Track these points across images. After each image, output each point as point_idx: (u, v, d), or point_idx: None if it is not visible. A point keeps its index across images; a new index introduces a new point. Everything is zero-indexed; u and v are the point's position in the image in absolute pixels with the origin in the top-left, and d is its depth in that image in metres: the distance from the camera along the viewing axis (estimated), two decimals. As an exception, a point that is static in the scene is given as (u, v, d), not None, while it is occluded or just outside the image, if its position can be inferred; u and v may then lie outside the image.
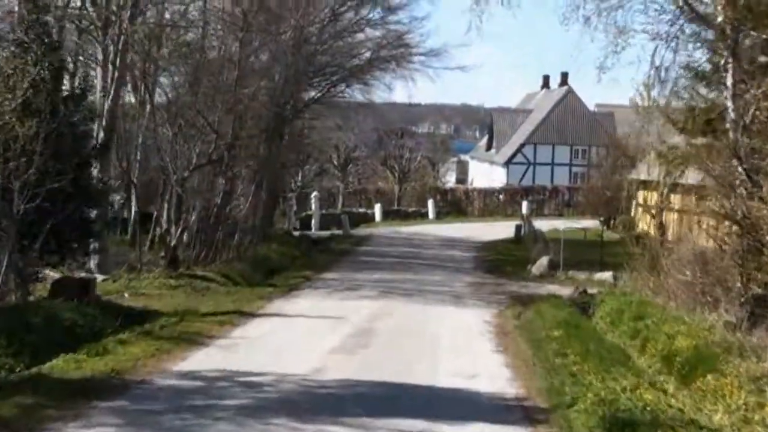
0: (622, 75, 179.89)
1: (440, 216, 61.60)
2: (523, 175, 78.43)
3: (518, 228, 47.88)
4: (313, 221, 54.43)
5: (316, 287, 28.85)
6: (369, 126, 75.14)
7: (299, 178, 58.55)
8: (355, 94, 46.58)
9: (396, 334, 20.30)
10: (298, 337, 19.29)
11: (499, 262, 38.44)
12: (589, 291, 27.28)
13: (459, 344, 19.24)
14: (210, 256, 31.78)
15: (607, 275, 32.75)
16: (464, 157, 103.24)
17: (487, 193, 67.13)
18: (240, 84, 31.14)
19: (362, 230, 53.65)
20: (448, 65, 47.18)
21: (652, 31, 21.42)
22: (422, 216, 60.83)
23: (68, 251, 22.12)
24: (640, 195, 49.70)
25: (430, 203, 60.72)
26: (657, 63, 21.90)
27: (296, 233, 49.46)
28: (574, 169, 79.67)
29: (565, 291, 29.60)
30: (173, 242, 28.96)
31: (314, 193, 54.78)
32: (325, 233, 50.79)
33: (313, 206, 54.70)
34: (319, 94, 46.91)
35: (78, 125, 21.63)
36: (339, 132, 69.38)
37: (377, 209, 58.41)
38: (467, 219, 62.62)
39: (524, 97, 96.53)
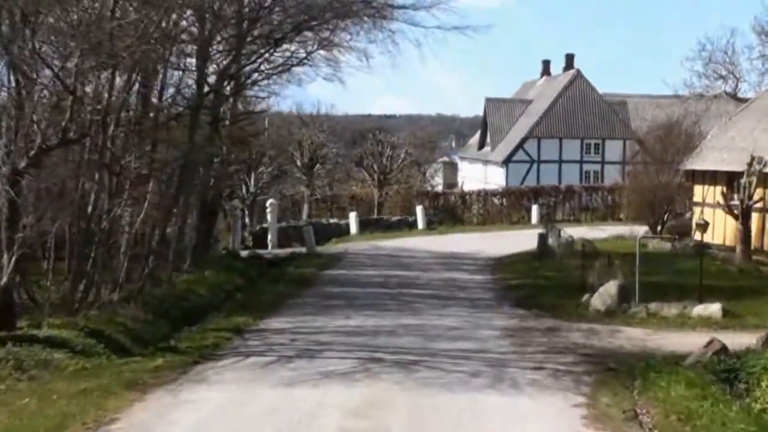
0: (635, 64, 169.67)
1: (431, 226, 49.99)
2: (526, 175, 67.00)
3: (542, 239, 36.24)
4: (269, 237, 42.69)
5: (247, 352, 17.07)
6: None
7: (251, 182, 46.72)
8: (318, 63, 34.70)
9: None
10: None
11: (531, 290, 26.88)
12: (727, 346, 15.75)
13: None
14: (82, 298, 19.99)
15: (713, 309, 21.27)
16: (452, 158, 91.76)
17: (487, 197, 55.48)
18: (122, 17, 19.32)
19: (333, 246, 41.94)
20: (443, 24, 35.28)
21: None
22: (409, 226, 49.19)
23: None
24: (698, 191, 38.28)
25: (419, 210, 49.13)
26: None
27: (245, 253, 37.71)
28: (586, 166, 68.33)
29: (666, 341, 18.25)
30: (2, 280, 17.06)
31: (270, 201, 42.97)
32: (285, 252, 39.07)
33: (269, 217, 42.96)
34: (269, 67, 35.11)
35: None
36: (304, 129, 57.89)
37: (352, 219, 46.65)
38: (465, 228, 50.95)
39: (521, 87, 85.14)
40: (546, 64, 79.76)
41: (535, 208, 53.69)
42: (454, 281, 29.73)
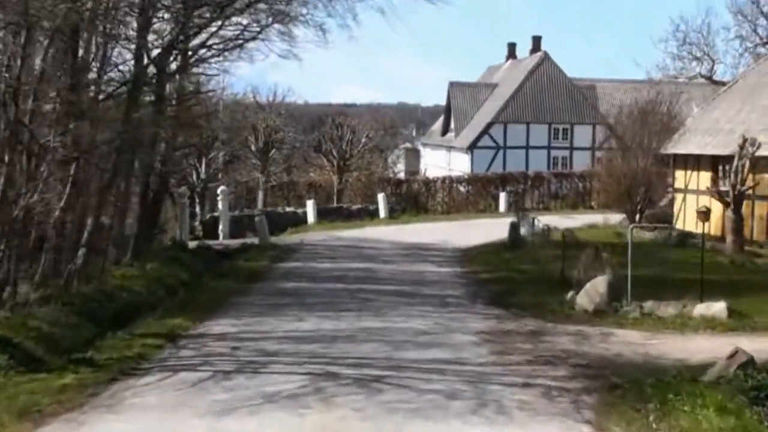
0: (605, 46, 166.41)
1: (394, 214, 47.33)
2: (492, 162, 64.60)
3: (514, 228, 33.70)
4: (220, 226, 39.83)
5: (178, 366, 14.27)
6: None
7: (202, 168, 43.80)
8: (273, 38, 31.77)
9: None
10: None
11: (506, 285, 24.32)
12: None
13: None
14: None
15: (717, 309, 18.80)
16: (415, 144, 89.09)
17: (453, 184, 52.88)
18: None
19: (289, 237, 39.15)
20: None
21: None
22: (371, 215, 46.48)
23: None
24: (680, 177, 35.94)
25: (381, 198, 46.42)
26: None
27: (194, 244, 34.87)
28: (554, 152, 66.02)
29: (670, 347, 15.86)
30: None
31: (221, 188, 40.08)
32: (237, 243, 36.21)
33: (220, 206, 40.08)
34: (219, 42, 32.17)
35: None
36: (260, 113, 54.97)
37: (309, 208, 43.84)
38: (430, 217, 48.36)
39: (485, 71, 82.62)
40: (512, 47, 77.31)
41: (502, 196, 51.20)
42: (420, 275, 27.08)
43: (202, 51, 32.58)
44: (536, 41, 71.80)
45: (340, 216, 45.91)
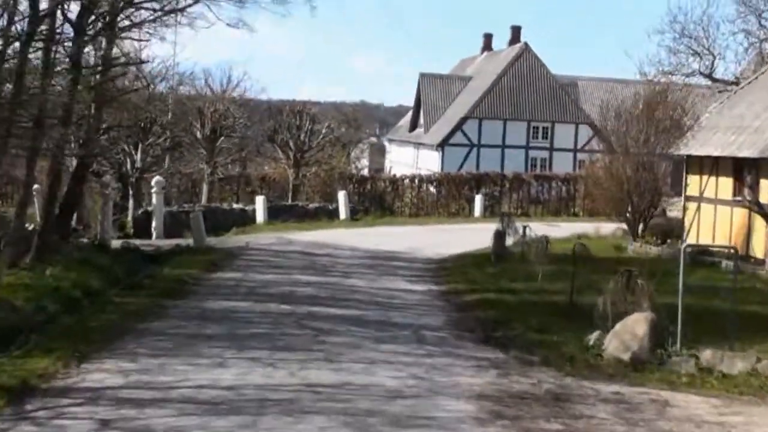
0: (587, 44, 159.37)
1: (356, 216, 41.92)
2: (464, 161, 59.56)
3: (499, 237, 28.40)
4: (153, 223, 34.19)
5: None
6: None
7: (138, 155, 38.07)
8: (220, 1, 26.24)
9: None
10: None
11: (497, 310, 19.15)
12: None
13: None
14: None
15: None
16: (380, 140, 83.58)
17: (422, 184, 47.53)
18: None
19: (232, 238, 33.62)
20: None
21: None
22: (330, 215, 41.00)
23: None
24: (693, 182, 30.84)
25: (342, 197, 40.99)
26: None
27: (118, 244, 29.27)
28: (533, 152, 60.94)
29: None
30: None
31: (156, 179, 34.37)
32: (170, 243, 30.55)
33: (153, 200, 34.40)
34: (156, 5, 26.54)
35: None
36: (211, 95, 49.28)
37: (259, 204, 38.22)
38: (396, 220, 43.00)
39: (458, 64, 77.53)
40: (488, 38, 72.24)
41: (478, 199, 45.97)
42: (387, 294, 21.64)
43: (136, 13, 27.06)
44: (515, 32, 66.72)
45: (294, 215, 40.39)
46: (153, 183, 34.13)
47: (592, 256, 22.82)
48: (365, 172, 61.04)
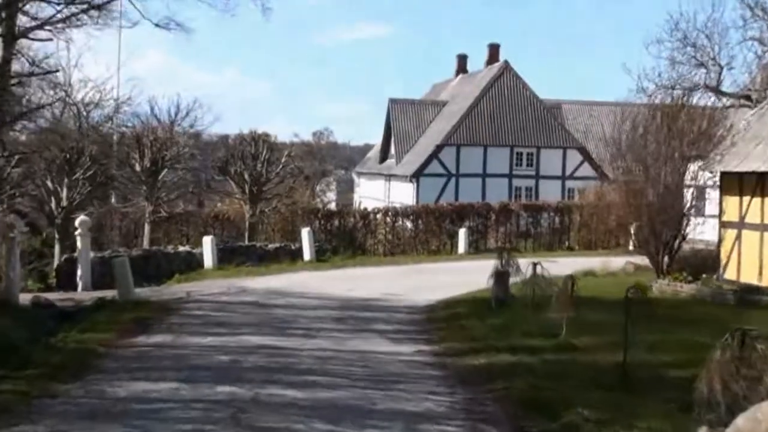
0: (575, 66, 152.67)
1: (323, 256, 36.45)
2: (441, 192, 54.37)
3: (500, 278, 23.07)
4: (79, 272, 28.59)
5: None
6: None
7: (63, 191, 32.45)
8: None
9: None
10: None
11: (522, 383, 13.79)
12: None
13: None
14: None
15: None
16: (347, 173, 78.08)
17: (397, 218, 42.13)
18: None
19: (173, 287, 28.13)
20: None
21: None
22: (293, 256, 35.46)
23: None
24: (731, 205, 25.73)
25: (306, 235, 35.53)
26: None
27: (27, 299, 23.76)
28: (517, 181, 55.74)
29: None
30: None
31: (80, 219, 28.71)
32: (96, 296, 24.93)
33: (78, 243, 28.77)
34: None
35: None
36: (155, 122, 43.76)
37: (207, 246, 32.58)
38: (370, 260, 37.57)
39: (430, 89, 72.56)
40: (462, 59, 67.31)
41: (462, 234, 40.66)
42: (364, 362, 16.17)
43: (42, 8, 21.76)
44: (493, 50, 61.81)
45: (251, 258, 34.84)
46: (77, 224, 28.49)
47: (649, 300, 17.71)
48: (332, 206, 55.62)
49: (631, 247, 42.57)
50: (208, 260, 32.18)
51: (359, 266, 34.96)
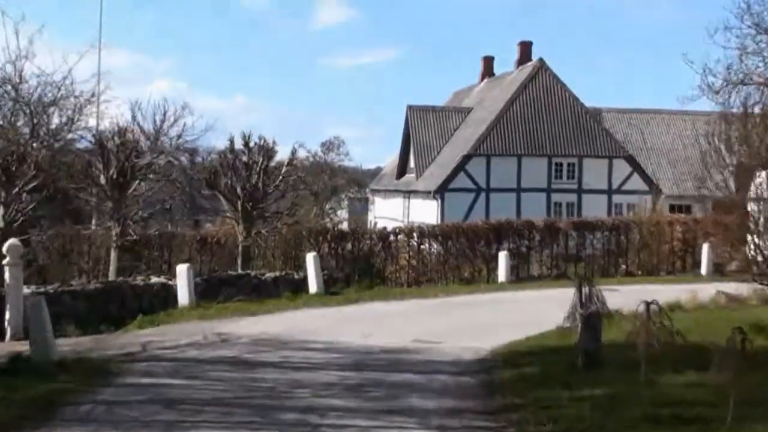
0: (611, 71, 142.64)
1: (333, 287, 29.47)
2: (470, 209, 47.31)
3: (589, 326, 15.97)
4: (7, 314, 21.58)
5: None
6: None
7: None
8: None
9: None
10: None
11: None
12: None
13: None
14: None
15: None
16: (361, 191, 71.00)
17: (423, 238, 35.05)
18: None
19: (129, 335, 21.08)
20: None
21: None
22: (295, 288, 28.47)
23: None
24: None
25: (311, 261, 28.59)
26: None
27: None
28: (557, 196, 48.73)
29: None
30: None
31: (8, 244, 21.67)
32: (12, 352, 17.84)
33: (6, 276, 21.75)
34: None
35: None
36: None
37: (182, 278, 25.43)
38: (392, 292, 30.38)
39: (451, 97, 65.52)
40: (488, 61, 60.40)
41: (503, 258, 33.61)
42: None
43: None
44: (524, 49, 54.85)
45: (243, 291, 27.86)
46: (5, 250, 21.47)
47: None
48: (345, 226, 48.61)
49: (703, 272, 35.86)
50: (184, 296, 25.08)
51: (379, 300, 27.94)
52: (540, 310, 24.95)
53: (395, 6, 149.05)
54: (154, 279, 27.93)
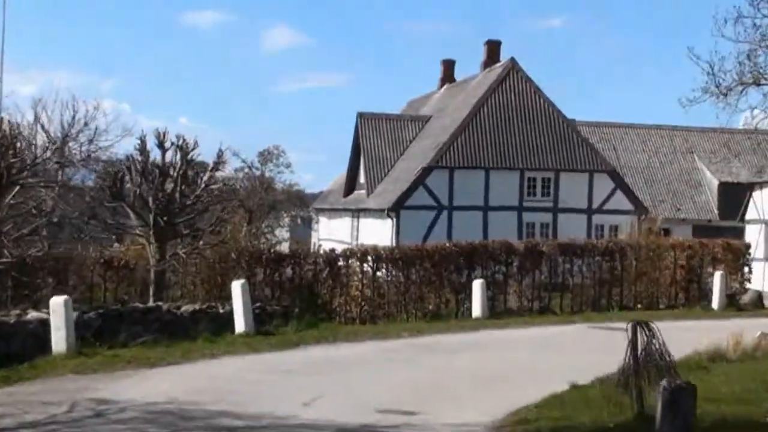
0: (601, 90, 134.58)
1: (267, 325, 23.22)
2: (430, 229, 41.40)
3: (679, 400, 9.94)
4: None
5: None
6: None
7: None
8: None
9: None
10: None
11: None
12: None
13: None
14: None
15: None
16: (303, 211, 64.63)
17: (379, 263, 28.88)
18: None
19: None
20: None
21: None
22: (217, 326, 22.22)
23: None
24: None
25: (239, 291, 22.39)
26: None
27: None
28: (529, 215, 42.94)
29: None
30: None
31: None
32: None
33: None
34: None
35: None
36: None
37: (55, 315, 19.07)
38: (342, 331, 24.19)
39: (404, 107, 59.71)
40: (448, 65, 54.57)
41: (477, 287, 27.63)
42: None
43: None
44: (492, 49, 49.11)
45: (150, 328, 21.68)
46: None
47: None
48: (285, 247, 42.33)
49: (715, 305, 30.40)
50: (60, 340, 18.63)
51: (326, 343, 21.80)
52: (536, 358, 19.60)
53: (343, 27, 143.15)
54: (31, 314, 21.49)
